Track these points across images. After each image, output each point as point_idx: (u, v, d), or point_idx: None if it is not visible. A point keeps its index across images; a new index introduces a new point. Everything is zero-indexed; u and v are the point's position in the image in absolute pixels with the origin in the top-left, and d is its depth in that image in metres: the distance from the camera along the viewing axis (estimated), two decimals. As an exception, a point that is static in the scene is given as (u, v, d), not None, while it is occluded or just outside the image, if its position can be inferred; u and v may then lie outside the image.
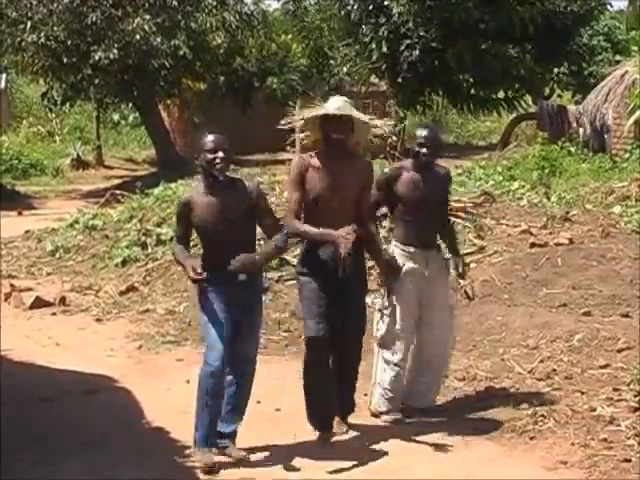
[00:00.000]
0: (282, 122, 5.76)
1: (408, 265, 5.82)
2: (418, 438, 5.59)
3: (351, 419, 5.86)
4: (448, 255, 6.06)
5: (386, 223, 6.98)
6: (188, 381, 6.30)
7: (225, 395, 5.34)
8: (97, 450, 5.51)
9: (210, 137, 5.16)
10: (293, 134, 5.84)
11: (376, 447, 5.52)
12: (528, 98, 25.92)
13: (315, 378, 5.55)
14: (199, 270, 5.08)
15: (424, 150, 5.77)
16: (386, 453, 5.44)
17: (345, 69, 23.99)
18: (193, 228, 5.30)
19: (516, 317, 7.42)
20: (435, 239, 6.04)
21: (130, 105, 23.82)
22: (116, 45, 19.18)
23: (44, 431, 5.84)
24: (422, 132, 5.85)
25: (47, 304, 9.33)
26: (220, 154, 5.10)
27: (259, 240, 5.47)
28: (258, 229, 5.43)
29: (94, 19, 19.25)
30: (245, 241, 5.29)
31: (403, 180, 5.81)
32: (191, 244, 5.54)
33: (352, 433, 5.75)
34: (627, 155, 15.14)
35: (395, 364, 5.87)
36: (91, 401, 6.50)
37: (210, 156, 5.11)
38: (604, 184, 12.23)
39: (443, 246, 6.13)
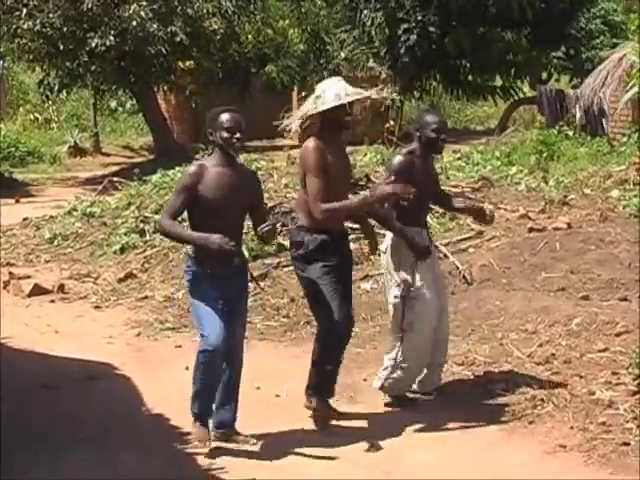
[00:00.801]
0: (286, 122, 5.70)
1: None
2: (417, 424, 5.59)
3: (349, 406, 5.90)
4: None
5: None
6: (187, 367, 6.25)
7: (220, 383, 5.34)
8: (97, 442, 5.49)
9: (229, 116, 5.19)
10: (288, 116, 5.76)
11: (374, 433, 5.52)
12: (525, 83, 25.83)
13: (338, 356, 5.64)
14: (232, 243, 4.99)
15: (443, 136, 5.70)
16: (384, 439, 5.43)
17: (343, 54, 23.87)
18: (193, 202, 5.11)
19: (515, 302, 7.43)
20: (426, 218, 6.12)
21: (127, 92, 23.73)
22: (112, 32, 19.06)
23: (44, 424, 5.80)
24: (434, 117, 5.76)
25: (46, 292, 9.32)
26: (238, 135, 5.15)
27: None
28: None
29: (90, 5, 19.11)
30: (239, 225, 5.33)
31: (415, 166, 5.70)
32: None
33: (350, 420, 5.76)
34: (625, 139, 15.07)
35: (415, 348, 5.77)
36: (91, 389, 6.51)
37: (227, 135, 5.14)
38: (602, 168, 12.20)
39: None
